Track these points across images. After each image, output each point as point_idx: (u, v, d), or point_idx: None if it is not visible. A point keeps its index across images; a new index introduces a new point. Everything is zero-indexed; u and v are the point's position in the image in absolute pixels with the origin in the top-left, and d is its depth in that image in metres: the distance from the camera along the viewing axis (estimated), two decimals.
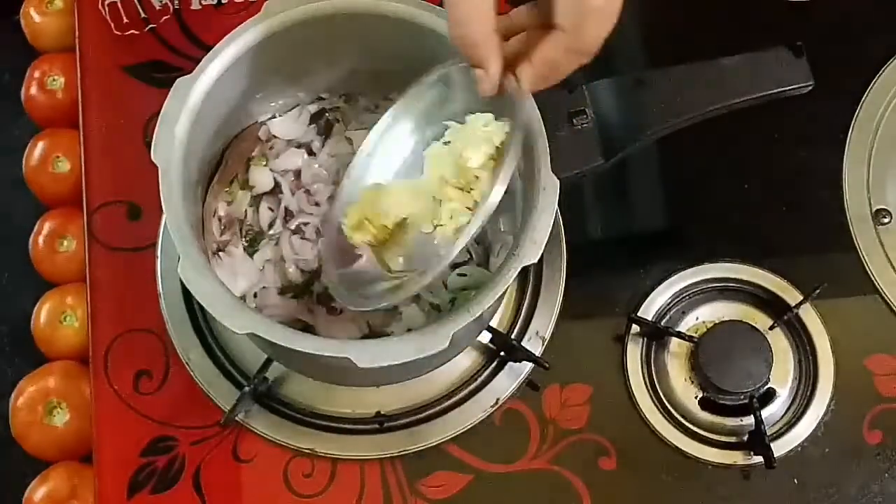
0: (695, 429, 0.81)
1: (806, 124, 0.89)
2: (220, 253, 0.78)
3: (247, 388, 0.77)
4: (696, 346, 0.81)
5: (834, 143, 0.90)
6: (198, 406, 0.80)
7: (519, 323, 0.83)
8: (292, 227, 0.79)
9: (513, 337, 0.82)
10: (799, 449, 0.81)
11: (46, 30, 0.94)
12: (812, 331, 0.83)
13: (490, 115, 0.66)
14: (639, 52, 0.95)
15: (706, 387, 0.81)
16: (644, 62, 0.95)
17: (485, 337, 0.82)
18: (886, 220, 0.87)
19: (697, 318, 0.84)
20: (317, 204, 0.79)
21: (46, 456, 0.82)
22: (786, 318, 0.83)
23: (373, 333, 0.77)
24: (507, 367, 0.82)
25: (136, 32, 0.91)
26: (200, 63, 0.70)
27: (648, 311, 0.84)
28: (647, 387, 0.82)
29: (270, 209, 0.80)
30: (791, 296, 0.84)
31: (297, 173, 0.80)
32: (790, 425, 0.81)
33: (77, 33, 0.91)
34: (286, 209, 0.79)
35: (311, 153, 0.81)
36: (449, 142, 0.69)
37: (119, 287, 0.84)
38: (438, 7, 0.71)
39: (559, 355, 0.82)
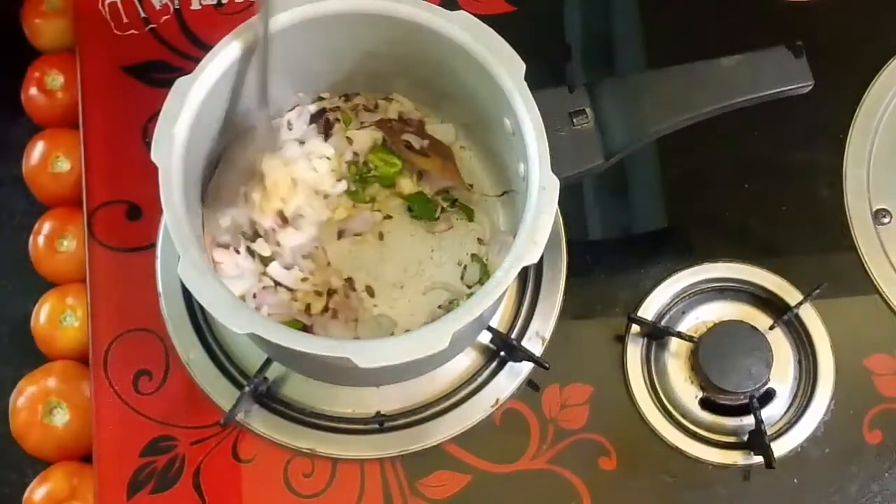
0: (695, 429, 0.81)
1: (806, 124, 0.89)
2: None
3: (247, 388, 0.77)
4: (696, 346, 0.81)
5: (834, 143, 0.90)
6: (198, 406, 0.80)
7: (519, 323, 0.83)
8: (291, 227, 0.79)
9: (513, 337, 0.82)
10: (799, 449, 0.81)
11: (46, 30, 0.94)
12: (812, 331, 0.83)
13: None
14: (639, 52, 0.95)
15: (706, 387, 0.81)
16: (644, 62, 0.95)
17: (485, 337, 0.82)
18: (886, 220, 0.87)
19: (697, 318, 0.84)
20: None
21: (46, 456, 0.82)
22: (786, 318, 0.83)
23: None
24: (507, 367, 0.82)
25: (136, 32, 0.91)
26: (200, 63, 0.70)
27: (648, 311, 0.84)
28: (647, 387, 0.82)
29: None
30: (791, 296, 0.84)
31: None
32: (790, 425, 0.81)
33: (75, 33, 0.91)
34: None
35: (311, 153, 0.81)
36: None
37: (119, 287, 0.84)
38: (438, 7, 0.72)
39: (559, 355, 0.82)
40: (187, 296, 0.82)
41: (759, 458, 0.79)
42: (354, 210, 0.80)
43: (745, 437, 0.81)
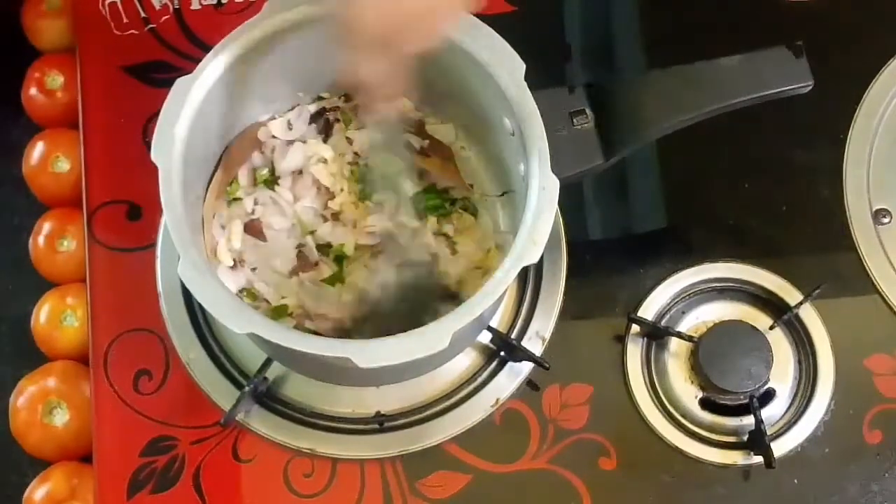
0: (695, 429, 0.81)
1: (806, 124, 0.89)
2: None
3: (247, 388, 0.77)
4: (696, 346, 0.81)
5: (834, 143, 0.90)
6: (198, 406, 0.80)
7: (519, 323, 0.83)
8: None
9: (513, 337, 0.82)
10: (799, 449, 0.81)
11: (46, 30, 0.94)
12: (812, 331, 0.83)
13: None
14: (639, 52, 0.95)
15: (706, 387, 0.81)
16: (644, 62, 0.95)
17: (485, 337, 0.82)
18: (886, 220, 0.87)
19: (697, 318, 0.84)
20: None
21: (46, 456, 0.82)
22: (786, 318, 0.83)
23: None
24: (507, 367, 0.82)
25: (136, 32, 0.91)
26: (200, 63, 0.70)
27: (648, 311, 0.84)
28: (647, 387, 0.82)
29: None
30: (791, 296, 0.84)
31: (298, 173, 0.80)
32: (790, 425, 0.81)
33: (75, 33, 0.91)
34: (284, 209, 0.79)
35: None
36: None
37: (119, 287, 0.84)
38: None
39: (559, 355, 0.82)
40: (187, 296, 0.82)
41: (759, 458, 0.79)
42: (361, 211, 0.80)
43: (745, 437, 0.81)
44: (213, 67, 0.70)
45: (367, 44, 0.62)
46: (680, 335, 0.82)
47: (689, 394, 0.82)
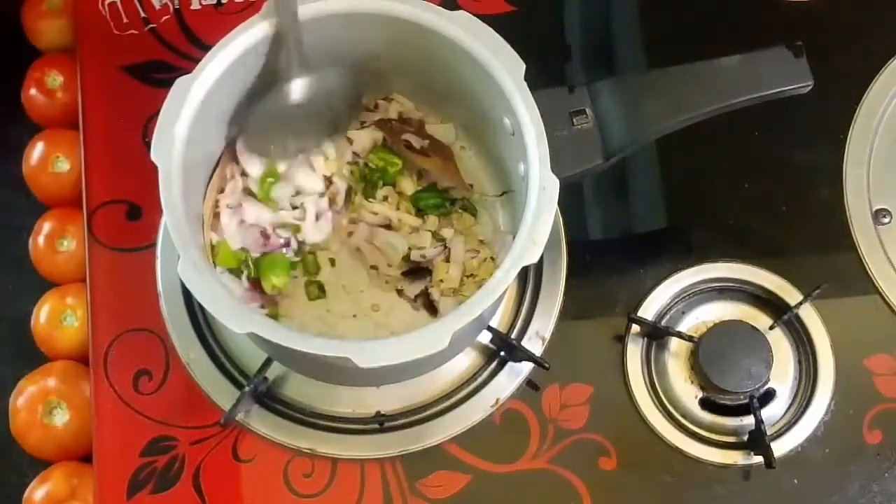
0: (695, 429, 0.81)
1: (806, 124, 0.89)
2: None
3: (247, 388, 0.77)
4: (696, 346, 0.81)
5: (834, 143, 0.90)
6: (198, 406, 0.80)
7: (519, 323, 0.83)
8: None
9: (513, 337, 0.82)
10: (799, 449, 0.81)
11: (46, 30, 0.94)
12: (812, 331, 0.83)
13: None
14: (639, 53, 0.95)
15: (706, 387, 0.81)
16: (644, 62, 0.95)
17: (485, 337, 0.82)
18: (886, 220, 0.87)
19: (697, 318, 0.84)
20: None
21: (46, 456, 0.82)
22: (786, 318, 0.83)
23: None
24: (507, 367, 0.82)
25: (136, 32, 0.91)
26: (200, 63, 0.70)
27: (648, 311, 0.84)
28: (647, 387, 0.82)
29: None
30: (791, 296, 0.84)
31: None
32: (790, 425, 0.81)
33: (75, 33, 0.91)
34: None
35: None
36: None
37: (119, 287, 0.84)
38: (439, 7, 0.72)
39: (559, 355, 0.82)
40: (187, 296, 0.82)
41: (759, 458, 0.79)
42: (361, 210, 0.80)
43: (745, 437, 0.81)
44: (213, 67, 0.70)
45: None
46: (680, 335, 0.82)
47: (689, 394, 0.82)
